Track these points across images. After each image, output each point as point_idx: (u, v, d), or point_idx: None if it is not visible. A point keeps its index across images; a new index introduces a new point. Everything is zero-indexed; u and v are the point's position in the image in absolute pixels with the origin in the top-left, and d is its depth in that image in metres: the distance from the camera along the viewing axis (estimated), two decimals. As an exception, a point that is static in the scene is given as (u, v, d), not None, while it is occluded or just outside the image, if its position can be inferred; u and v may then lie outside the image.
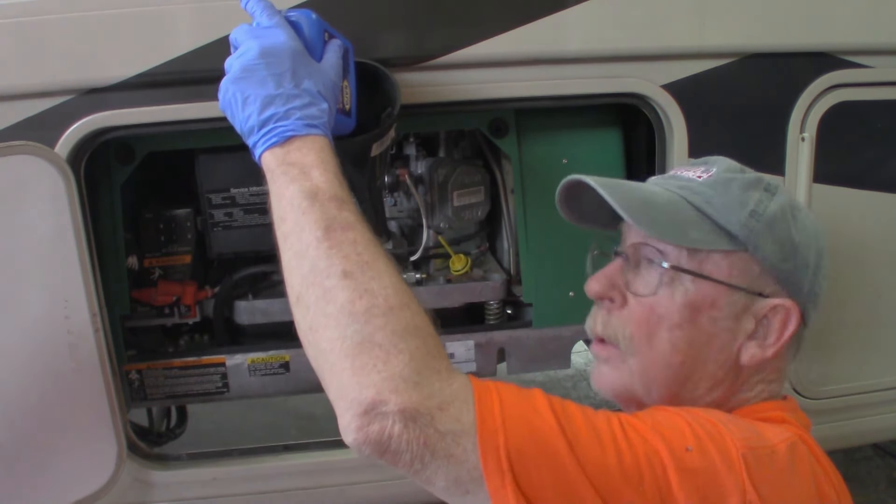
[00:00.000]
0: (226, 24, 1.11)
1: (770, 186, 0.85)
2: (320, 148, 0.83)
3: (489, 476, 0.66)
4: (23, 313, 1.15)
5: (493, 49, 1.17)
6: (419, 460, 0.67)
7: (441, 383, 0.69)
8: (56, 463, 1.22)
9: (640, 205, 0.83)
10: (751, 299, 0.82)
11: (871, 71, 1.29)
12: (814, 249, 0.85)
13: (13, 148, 1.10)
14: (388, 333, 0.69)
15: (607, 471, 0.67)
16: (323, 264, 0.72)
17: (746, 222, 0.82)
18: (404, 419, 0.66)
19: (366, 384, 0.67)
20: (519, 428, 0.68)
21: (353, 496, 1.39)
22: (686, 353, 0.83)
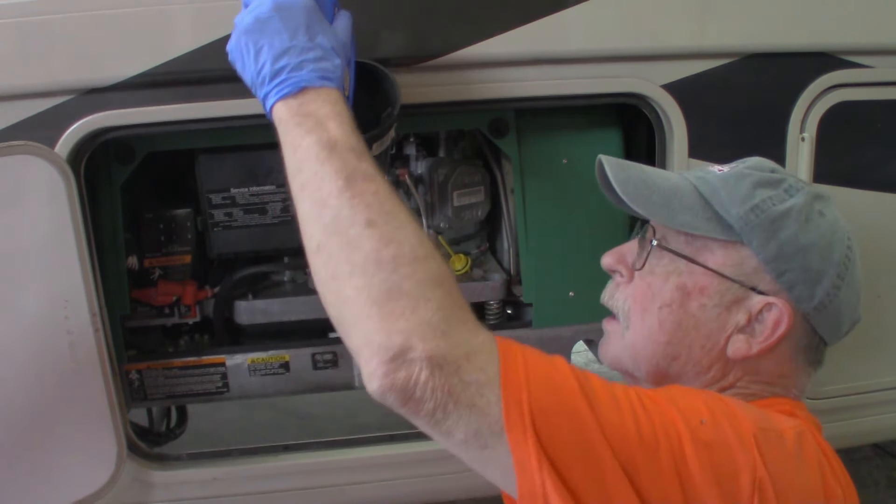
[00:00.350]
0: (226, 25, 1.11)
1: (792, 188, 0.85)
2: (335, 100, 0.82)
3: (511, 429, 0.66)
4: (23, 313, 1.15)
5: (493, 49, 1.17)
6: (441, 410, 0.67)
7: (468, 333, 0.70)
8: (56, 463, 1.22)
9: (638, 184, 0.87)
10: (744, 293, 0.83)
11: (871, 71, 1.29)
12: (824, 257, 0.83)
13: (13, 148, 1.10)
14: (415, 282, 0.69)
15: (626, 436, 0.67)
16: (346, 213, 0.72)
17: (745, 216, 0.83)
18: (431, 366, 0.66)
19: (394, 331, 0.67)
20: (542, 385, 0.68)
21: (353, 496, 1.39)
22: (672, 334, 0.85)
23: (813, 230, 0.83)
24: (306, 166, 0.77)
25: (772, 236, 0.82)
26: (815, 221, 0.84)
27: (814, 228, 0.83)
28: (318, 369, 1.39)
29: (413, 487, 1.40)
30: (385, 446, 1.39)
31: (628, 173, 0.89)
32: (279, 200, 1.33)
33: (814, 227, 0.83)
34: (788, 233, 0.82)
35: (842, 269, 0.84)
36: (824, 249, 0.83)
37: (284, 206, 1.34)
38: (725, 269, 0.84)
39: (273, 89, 0.84)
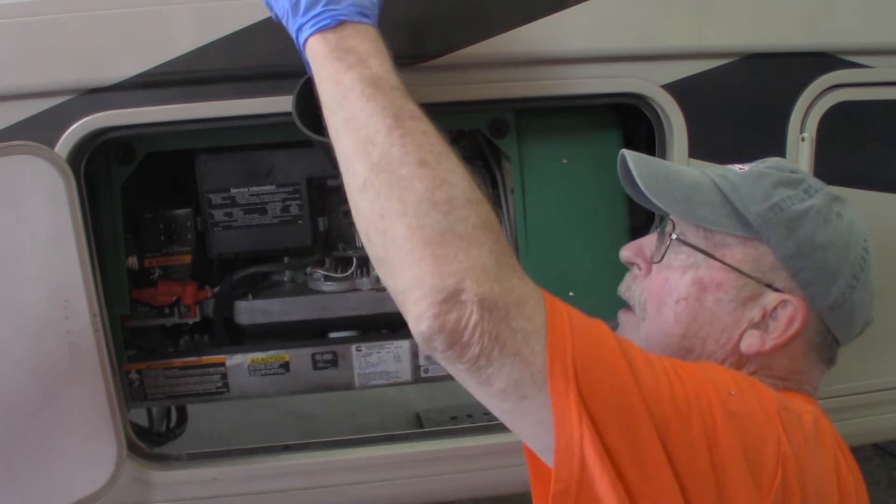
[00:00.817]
0: (226, 24, 1.12)
1: (811, 189, 0.87)
2: (374, 38, 0.81)
3: (554, 380, 0.66)
4: (23, 313, 1.15)
5: (493, 49, 1.17)
6: (486, 356, 0.66)
7: (518, 281, 0.70)
8: (56, 463, 1.22)
9: (660, 178, 0.89)
10: (760, 289, 0.85)
11: (871, 71, 1.29)
12: (841, 257, 0.85)
13: (13, 148, 1.10)
14: (468, 226, 0.68)
15: (661, 400, 0.68)
16: (397, 152, 0.70)
17: (764, 213, 0.84)
18: (482, 310, 0.65)
19: (447, 272, 0.66)
20: (586, 340, 0.69)
21: (353, 496, 1.39)
22: (687, 327, 0.86)
23: (830, 230, 0.84)
24: (349, 102, 0.75)
25: (790, 234, 0.83)
26: (833, 222, 0.85)
27: (831, 229, 0.85)
28: (318, 369, 1.39)
29: (413, 487, 1.40)
30: (385, 446, 1.39)
31: (651, 167, 0.91)
32: (279, 200, 1.33)
33: (831, 227, 0.85)
34: (806, 231, 0.84)
35: (857, 269, 0.85)
36: (841, 249, 0.84)
37: (284, 206, 1.34)
38: (743, 265, 0.85)
39: (309, 21, 0.80)
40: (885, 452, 2.48)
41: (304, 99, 1.07)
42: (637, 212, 1.39)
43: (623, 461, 0.66)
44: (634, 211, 1.39)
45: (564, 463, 0.66)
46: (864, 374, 1.44)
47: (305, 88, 1.08)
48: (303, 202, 1.34)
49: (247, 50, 1.13)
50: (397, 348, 1.40)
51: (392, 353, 1.40)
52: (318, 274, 1.41)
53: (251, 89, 1.16)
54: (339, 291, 1.41)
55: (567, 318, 0.70)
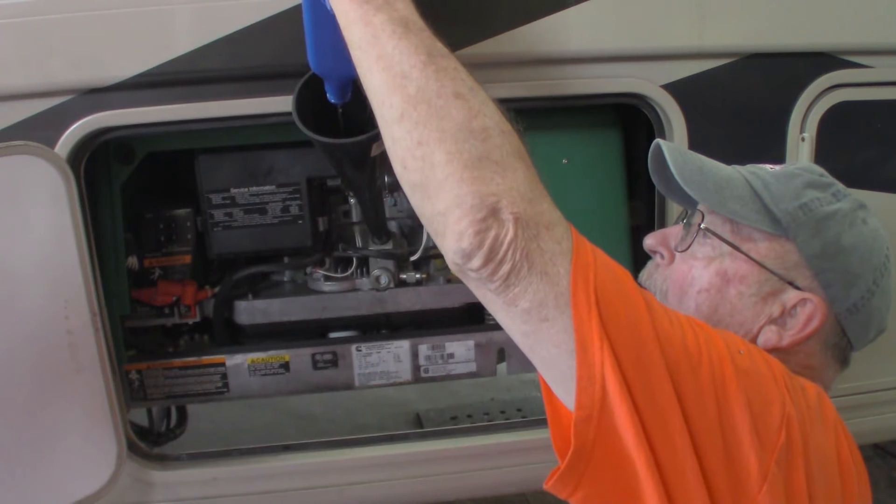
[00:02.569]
0: (226, 24, 1.12)
1: (839, 193, 0.88)
2: None
3: (576, 304, 0.69)
4: (23, 313, 1.15)
5: (493, 49, 1.17)
6: (516, 273, 0.69)
7: (549, 206, 0.73)
8: (56, 463, 1.22)
9: (693, 169, 0.90)
10: (782, 285, 0.86)
11: (871, 71, 1.29)
12: (863, 261, 0.86)
13: (13, 148, 1.10)
14: (504, 153, 0.72)
15: (673, 342, 0.70)
16: (433, 85, 0.74)
17: (793, 211, 0.86)
18: (517, 226, 0.69)
19: (487, 192, 0.69)
20: (608, 272, 0.71)
21: (353, 496, 1.39)
22: (707, 318, 0.87)
23: (855, 234, 0.86)
24: (380, 41, 0.78)
25: (816, 234, 0.85)
26: (859, 227, 0.86)
27: (856, 233, 0.86)
28: (318, 369, 1.39)
29: (413, 487, 1.40)
30: (385, 446, 1.39)
31: (686, 158, 0.92)
32: (279, 200, 1.33)
33: (857, 231, 0.86)
34: (833, 233, 0.85)
35: (878, 275, 0.86)
36: (864, 254, 0.86)
37: (284, 206, 1.34)
38: (767, 260, 0.86)
39: None
40: (885, 452, 2.47)
41: (304, 99, 1.07)
42: (637, 212, 1.40)
43: (638, 394, 0.68)
44: (634, 211, 1.40)
45: (587, 390, 0.68)
46: (864, 374, 1.44)
47: (305, 89, 1.08)
48: (303, 202, 1.34)
49: (247, 50, 1.13)
50: (397, 348, 1.40)
51: (392, 353, 1.40)
52: (318, 274, 1.41)
53: (251, 89, 1.16)
54: (339, 291, 1.41)
55: (591, 250, 0.73)
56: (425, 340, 1.40)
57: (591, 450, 0.69)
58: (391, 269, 1.39)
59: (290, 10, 1.11)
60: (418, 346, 1.40)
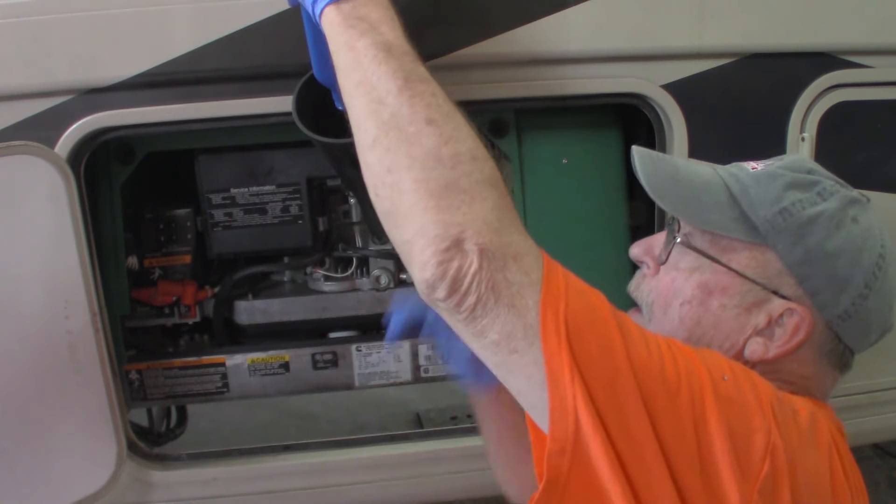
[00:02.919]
0: (226, 25, 1.12)
1: (825, 191, 0.83)
2: (385, 6, 0.84)
3: (546, 337, 0.68)
4: (23, 313, 1.15)
5: (493, 49, 1.17)
6: (482, 305, 0.68)
7: (518, 236, 0.72)
8: (56, 463, 1.22)
9: (666, 179, 0.87)
10: (766, 295, 0.83)
11: (871, 71, 1.29)
12: (852, 265, 0.81)
13: (13, 148, 1.10)
14: (473, 181, 0.71)
15: (650, 371, 0.68)
16: (406, 111, 0.74)
17: (772, 218, 0.82)
18: (481, 258, 0.68)
19: (451, 222, 0.68)
20: (580, 302, 0.70)
21: (353, 496, 1.39)
22: (691, 331, 0.85)
23: (843, 237, 0.81)
24: (362, 66, 0.78)
25: (798, 241, 0.81)
26: (847, 228, 0.82)
27: (844, 235, 0.81)
28: (318, 369, 1.39)
29: (413, 487, 1.40)
30: (385, 446, 1.40)
31: (658, 166, 0.89)
32: (279, 200, 1.33)
33: (844, 233, 0.81)
34: (816, 238, 0.81)
35: (870, 278, 0.82)
36: (852, 257, 0.81)
37: (284, 206, 1.34)
38: (748, 270, 0.83)
39: None
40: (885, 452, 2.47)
41: (304, 99, 1.07)
42: (637, 212, 1.40)
43: (612, 427, 0.67)
44: (634, 211, 1.40)
45: (560, 423, 0.67)
46: (864, 374, 1.44)
47: (305, 88, 1.08)
48: (303, 202, 1.34)
49: (247, 50, 1.13)
50: (397, 348, 1.40)
51: (392, 353, 1.40)
52: (318, 274, 1.41)
53: (251, 89, 1.16)
54: (339, 291, 1.41)
55: (563, 278, 0.71)
56: (425, 340, 1.40)
57: (566, 481, 0.68)
58: (391, 269, 1.39)
59: (290, 10, 1.11)
60: (418, 346, 1.40)
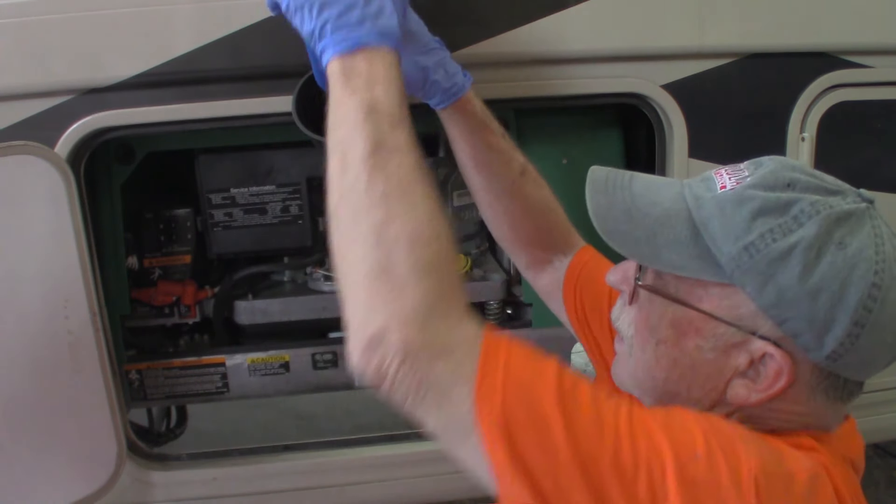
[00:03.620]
0: (226, 25, 1.12)
1: (803, 214, 0.71)
2: (390, 63, 0.81)
3: (483, 433, 0.65)
4: (23, 313, 1.15)
5: (493, 49, 1.17)
6: (412, 399, 0.66)
7: (448, 328, 0.68)
8: (56, 463, 1.22)
9: (619, 216, 0.78)
10: (744, 336, 0.73)
11: (871, 71, 1.29)
12: (835, 302, 0.69)
13: (13, 148, 1.10)
14: (408, 267, 0.68)
15: (600, 460, 0.64)
16: (364, 179, 0.71)
17: (737, 256, 0.71)
18: (403, 355, 0.65)
19: (375, 311, 0.66)
20: (519, 394, 0.66)
21: (353, 496, 1.39)
22: (669, 371, 0.77)
23: (823, 269, 0.69)
24: (344, 125, 0.76)
25: (768, 280, 0.70)
26: (829, 257, 0.69)
27: (825, 267, 0.69)
28: (318, 369, 1.39)
29: (413, 487, 1.40)
30: (385, 446, 1.39)
31: (612, 199, 0.79)
32: (279, 200, 1.33)
33: (825, 264, 0.69)
34: (789, 276, 0.70)
35: (861, 314, 0.69)
36: (835, 294, 0.69)
37: (284, 206, 1.34)
38: (720, 311, 0.73)
39: (330, 44, 0.82)
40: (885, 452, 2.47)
41: (304, 99, 1.07)
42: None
43: None
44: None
45: None
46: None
47: (305, 88, 1.08)
48: (303, 202, 1.34)
49: (247, 50, 1.13)
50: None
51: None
52: (318, 274, 1.41)
53: (251, 89, 1.16)
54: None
55: (503, 366, 0.66)
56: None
57: None
58: (391, 269, 1.39)
59: (290, 10, 1.11)
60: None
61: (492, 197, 1.11)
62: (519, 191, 1.09)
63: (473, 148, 1.09)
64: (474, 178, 1.11)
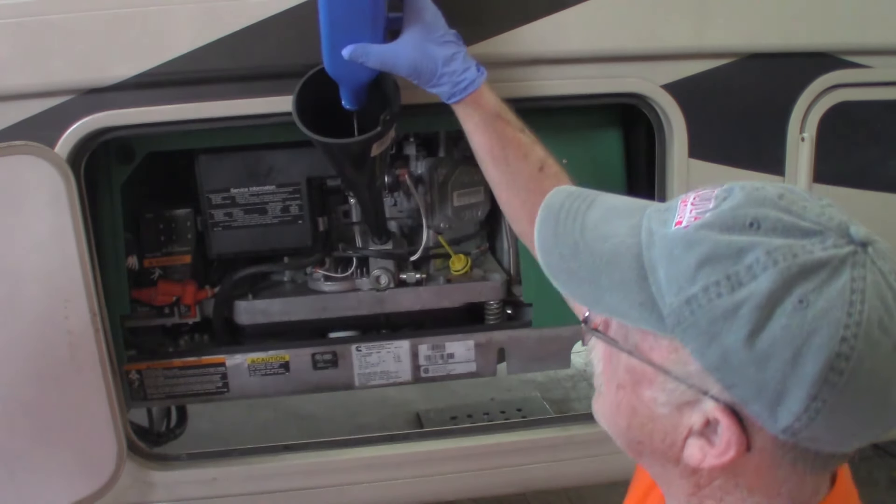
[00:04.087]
0: (226, 24, 1.12)
1: (757, 265, 0.58)
2: None
3: None
4: (23, 313, 1.15)
5: (493, 49, 1.17)
6: None
7: None
8: (56, 463, 1.22)
9: (565, 251, 0.69)
10: (696, 395, 0.63)
11: (871, 71, 1.29)
12: (786, 373, 0.58)
13: (13, 148, 1.10)
14: None
15: None
16: None
17: (678, 309, 0.61)
18: None
19: None
20: None
21: (353, 496, 1.39)
22: (630, 419, 0.69)
23: (774, 333, 0.58)
24: None
25: (711, 341, 0.60)
26: (783, 319, 0.57)
27: (776, 330, 0.58)
28: (318, 369, 1.39)
29: (413, 487, 1.40)
30: (385, 446, 1.39)
31: (561, 231, 0.70)
32: (279, 200, 1.33)
33: (777, 328, 0.58)
34: (734, 338, 0.59)
35: (820, 388, 0.57)
36: (787, 363, 0.58)
37: (284, 206, 1.34)
38: (668, 365, 0.64)
39: None
40: (885, 452, 2.47)
41: (305, 99, 1.07)
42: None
43: None
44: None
45: None
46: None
47: (306, 88, 1.08)
48: (303, 202, 1.34)
49: (247, 50, 1.13)
50: (397, 348, 1.40)
51: (392, 353, 1.40)
52: (318, 274, 1.41)
53: (251, 89, 1.16)
54: (339, 291, 1.41)
55: None
56: (425, 340, 1.41)
57: None
58: (391, 269, 1.39)
59: (290, 10, 1.11)
60: (418, 346, 1.40)
61: (510, 192, 1.12)
62: (538, 186, 1.08)
63: (489, 142, 1.09)
64: (492, 172, 1.12)
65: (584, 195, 0.73)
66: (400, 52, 1.03)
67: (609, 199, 0.73)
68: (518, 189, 1.10)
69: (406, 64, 1.04)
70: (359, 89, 1.07)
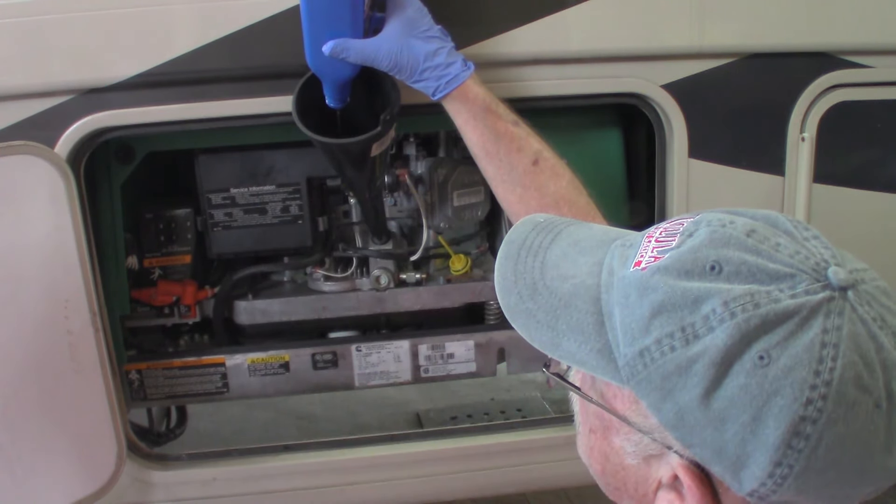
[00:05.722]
0: (226, 24, 1.12)
1: (714, 316, 0.53)
2: None
3: None
4: (23, 313, 1.15)
5: (493, 49, 1.17)
6: None
7: None
8: (56, 463, 1.22)
9: (524, 291, 0.64)
10: (661, 448, 0.59)
11: (871, 71, 1.29)
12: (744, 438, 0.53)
13: (13, 148, 1.10)
14: None
15: None
16: None
17: (632, 361, 0.56)
18: None
19: None
20: None
21: (353, 496, 1.39)
22: (604, 465, 0.65)
23: (731, 393, 0.52)
24: None
25: (665, 397, 0.55)
26: (741, 378, 0.52)
27: (733, 390, 0.52)
28: (318, 369, 1.39)
29: (413, 487, 1.40)
30: (385, 446, 1.39)
31: (521, 269, 0.65)
32: (279, 200, 1.33)
33: (734, 387, 0.52)
34: (689, 396, 0.54)
35: (784, 453, 0.52)
36: (746, 426, 0.52)
37: (284, 206, 1.34)
38: (631, 416, 0.59)
39: None
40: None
41: (305, 99, 1.07)
42: (637, 212, 1.40)
43: None
44: (635, 211, 1.40)
45: None
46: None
47: (305, 88, 1.08)
48: (303, 202, 1.34)
49: (247, 50, 1.13)
50: (397, 348, 1.40)
51: (392, 353, 1.40)
52: (318, 274, 1.41)
53: (251, 89, 1.16)
54: (339, 291, 1.41)
55: None
56: (425, 340, 1.41)
57: None
58: (391, 269, 1.39)
59: (290, 10, 1.11)
60: (418, 346, 1.40)
61: (506, 187, 1.11)
62: (532, 181, 1.09)
63: (481, 137, 1.09)
64: (487, 167, 1.12)
65: (550, 227, 0.69)
66: (381, 46, 1.03)
67: (576, 231, 0.68)
68: (513, 184, 1.10)
69: (386, 58, 1.03)
70: (342, 86, 1.07)
